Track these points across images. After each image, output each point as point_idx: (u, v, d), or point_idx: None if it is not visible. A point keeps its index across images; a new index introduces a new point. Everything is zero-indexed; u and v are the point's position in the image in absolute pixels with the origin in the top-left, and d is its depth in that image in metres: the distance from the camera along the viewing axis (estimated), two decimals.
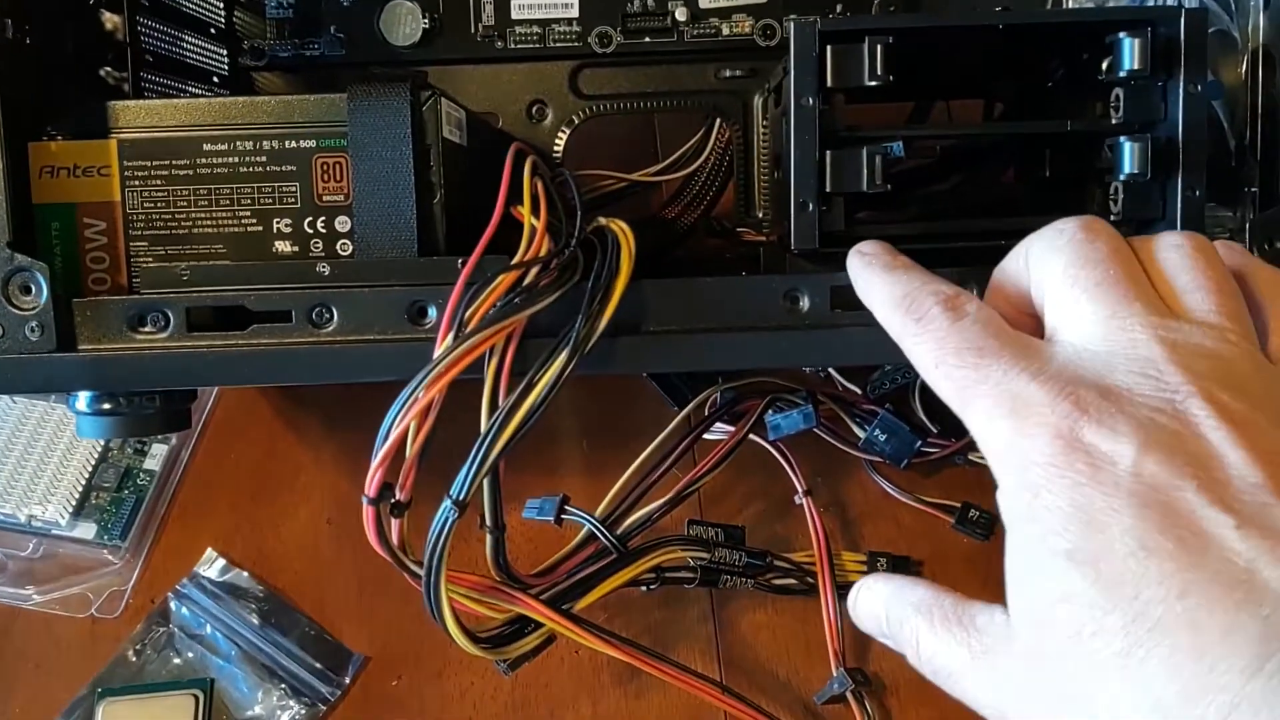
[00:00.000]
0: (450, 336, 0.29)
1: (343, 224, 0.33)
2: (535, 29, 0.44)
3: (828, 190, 0.32)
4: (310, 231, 0.33)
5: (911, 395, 0.45)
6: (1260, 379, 0.25)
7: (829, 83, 0.32)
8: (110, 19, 0.37)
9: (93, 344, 0.31)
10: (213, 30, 0.42)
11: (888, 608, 0.27)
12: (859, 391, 0.45)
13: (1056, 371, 0.24)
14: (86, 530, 0.43)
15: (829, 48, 0.32)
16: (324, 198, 0.33)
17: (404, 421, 0.29)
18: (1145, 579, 0.22)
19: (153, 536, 0.43)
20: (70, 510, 0.43)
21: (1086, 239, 0.26)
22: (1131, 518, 0.22)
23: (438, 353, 0.29)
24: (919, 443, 0.42)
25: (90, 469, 0.44)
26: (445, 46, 0.44)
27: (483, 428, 0.30)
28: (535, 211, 0.32)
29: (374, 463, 0.29)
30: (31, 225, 0.32)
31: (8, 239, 0.31)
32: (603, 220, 0.33)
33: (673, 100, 0.45)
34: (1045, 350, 0.25)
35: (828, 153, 0.32)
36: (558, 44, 0.44)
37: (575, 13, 0.43)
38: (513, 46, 0.44)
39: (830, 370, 0.45)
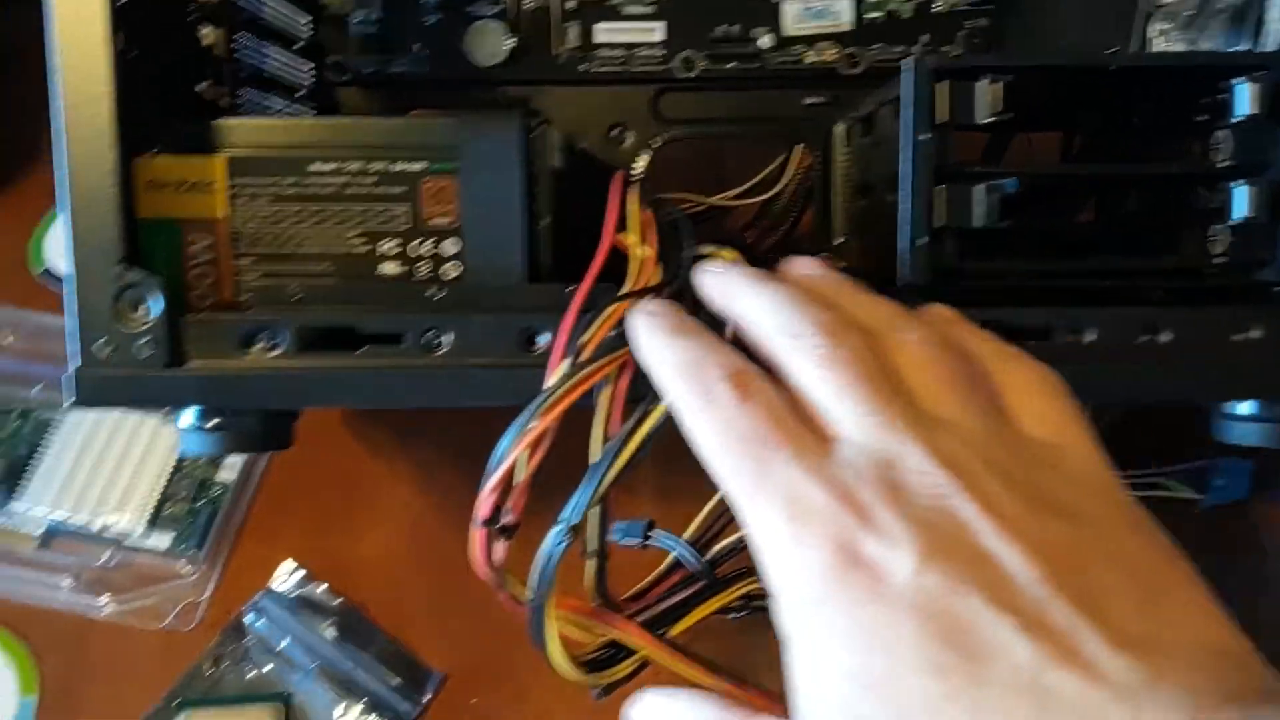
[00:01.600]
0: (564, 365, 0.30)
1: (449, 247, 0.33)
2: (619, 52, 0.44)
3: (937, 225, 0.32)
4: (416, 254, 0.33)
5: None
6: (1021, 464, 0.24)
7: (942, 118, 0.32)
8: (209, 34, 0.37)
9: (203, 361, 0.31)
10: (298, 46, 0.43)
11: None
12: None
13: (834, 474, 0.23)
14: (162, 540, 0.43)
15: (945, 84, 0.32)
16: (431, 220, 0.33)
17: (516, 450, 0.29)
18: (936, 698, 0.21)
19: (228, 548, 0.43)
20: (146, 520, 0.43)
21: (832, 342, 0.25)
22: (915, 633, 0.21)
23: (552, 381, 0.29)
24: None
25: (166, 479, 0.44)
26: (529, 67, 0.44)
27: (595, 456, 0.30)
28: (643, 239, 0.32)
29: (486, 488, 0.29)
30: (137, 241, 0.32)
31: (120, 255, 0.31)
32: (710, 248, 0.33)
33: (754, 126, 0.45)
34: (826, 449, 0.24)
35: (940, 188, 0.32)
36: (641, 68, 0.44)
37: (660, 37, 0.43)
38: (596, 70, 0.44)
39: None
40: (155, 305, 0.31)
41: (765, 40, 0.43)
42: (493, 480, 0.29)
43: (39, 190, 0.53)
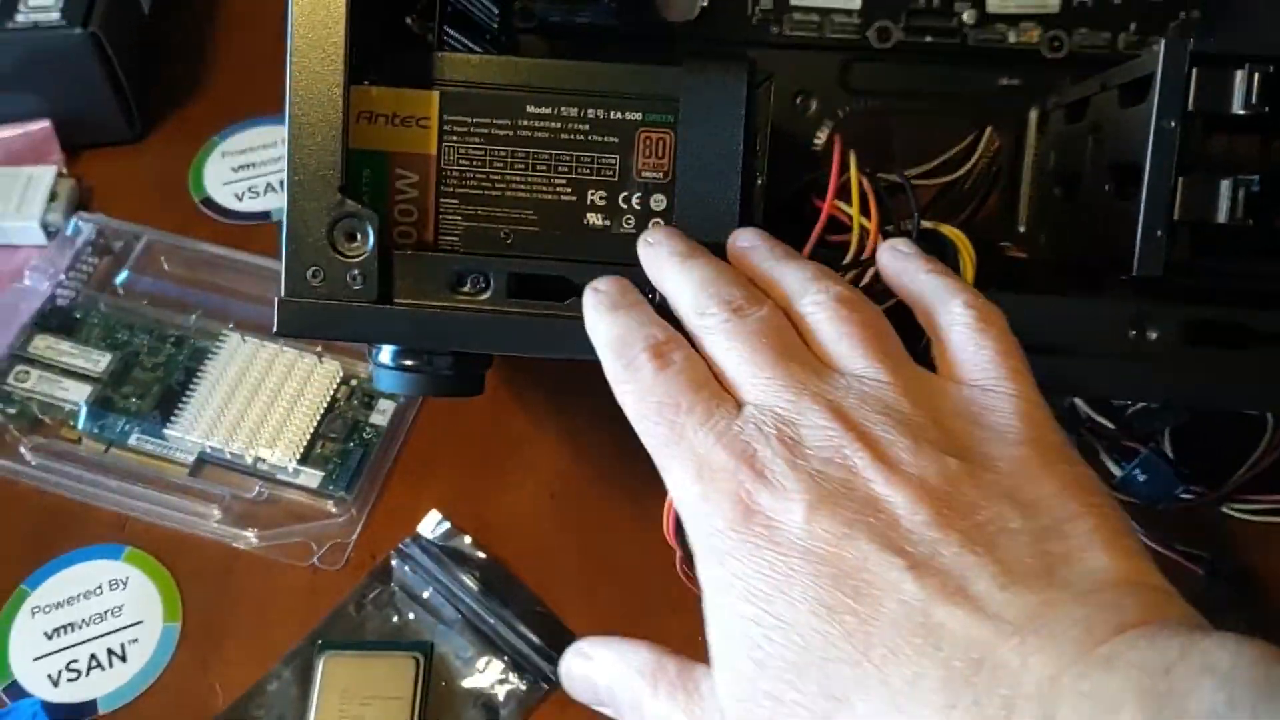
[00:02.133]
0: None
1: (658, 202, 0.32)
2: (814, 17, 0.42)
3: (1176, 218, 0.30)
4: (624, 207, 0.32)
5: (1160, 435, 0.43)
6: (921, 409, 0.25)
7: (1192, 106, 0.30)
8: None
9: (410, 299, 0.30)
10: None
11: (608, 671, 0.27)
12: (1111, 426, 0.43)
13: (737, 434, 0.25)
14: (311, 479, 0.43)
15: (1197, 70, 0.30)
16: (643, 173, 0.32)
17: None
18: (831, 638, 0.22)
19: (377, 492, 0.43)
20: (297, 457, 0.43)
21: (736, 317, 0.27)
22: (809, 576, 0.22)
23: None
24: (1180, 487, 0.40)
25: (318, 418, 0.44)
26: (720, 27, 0.42)
27: None
28: (865, 211, 0.31)
29: None
30: (348, 171, 0.31)
31: (338, 183, 0.30)
32: (939, 225, 0.32)
33: (946, 103, 0.43)
34: (734, 412, 0.25)
35: (1180, 179, 0.30)
36: (835, 35, 0.42)
37: (857, 4, 0.42)
38: (788, 33, 0.42)
39: (1076, 400, 0.44)
40: (369, 238, 0.30)
41: (968, 15, 0.41)
42: None
43: (200, 120, 0.53)
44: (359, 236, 0.30)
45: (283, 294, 0.30)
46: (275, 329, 0.30)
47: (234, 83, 0.54)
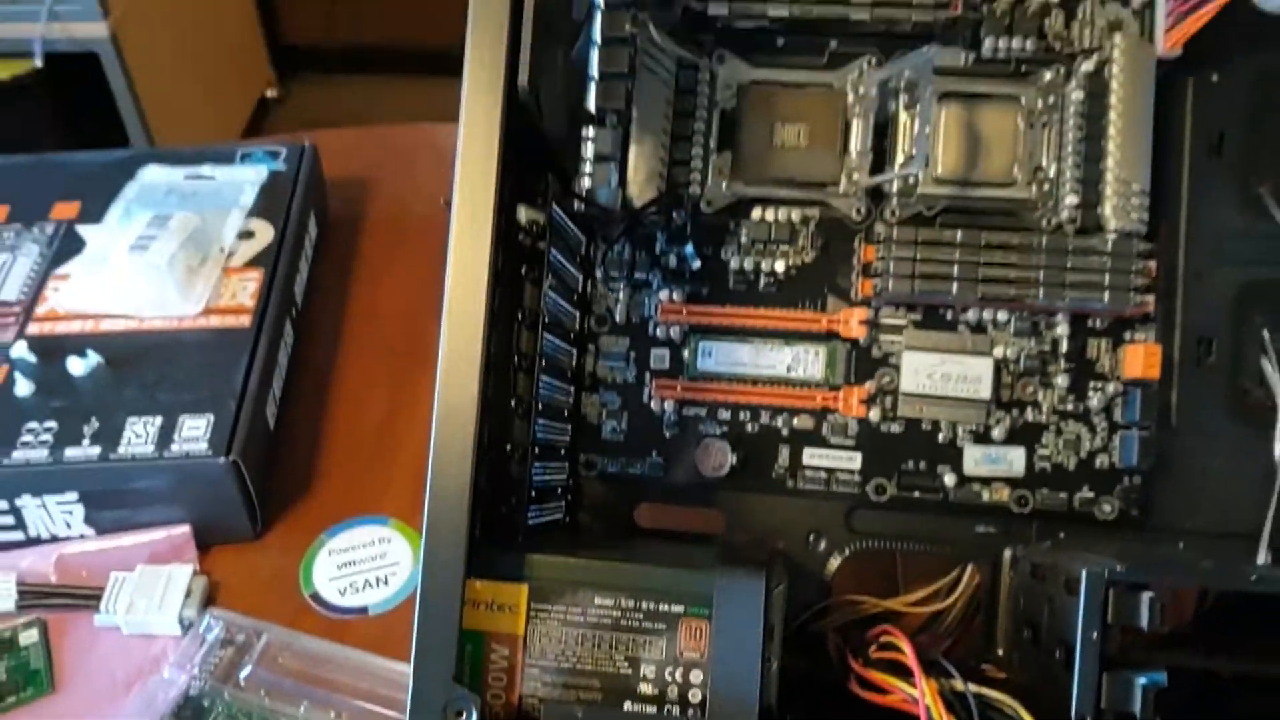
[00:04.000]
0: None
1: (695, 676, 0.41)
2: (822, 473, 0.52)
3: (1103, 708, 0.39)
4: (669, 679, 0.41)
5: None
6: None
7: (1111, 620, 0.39)
8: (518, 469, 0.46)
9: None
10: (563, 450, 0.52)
11: None
12: None
13: None
14: None
15: (1113, 591, 0.39)
16: (684, 654, 0.41)
17: None
18: None
19: None
20: None
21: None
22: None
23: None
24: None
25: None
26: (746, 480, 0.52)
27: None
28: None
29: None
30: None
31: (453, 672, 0.39)
32: (996, 694, 0.40)
33: (932, 545, 0.52)
34: None
35: (1104, 675, 0.39)
36: (839, 489, 0.52)
37: (858, 465, 0.52)
38: (801, 487, 0.52)
39: None
40: (472, 715, 0.39)
41: (949, 478, 0.51)
42: None
43: (311, 520, 0.63)
44: (464, 714, 0.39)
45: None
46: None
47: (340, 487, 0.64)
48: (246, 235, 0.70)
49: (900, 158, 0.50)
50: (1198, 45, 0.49)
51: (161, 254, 0.65)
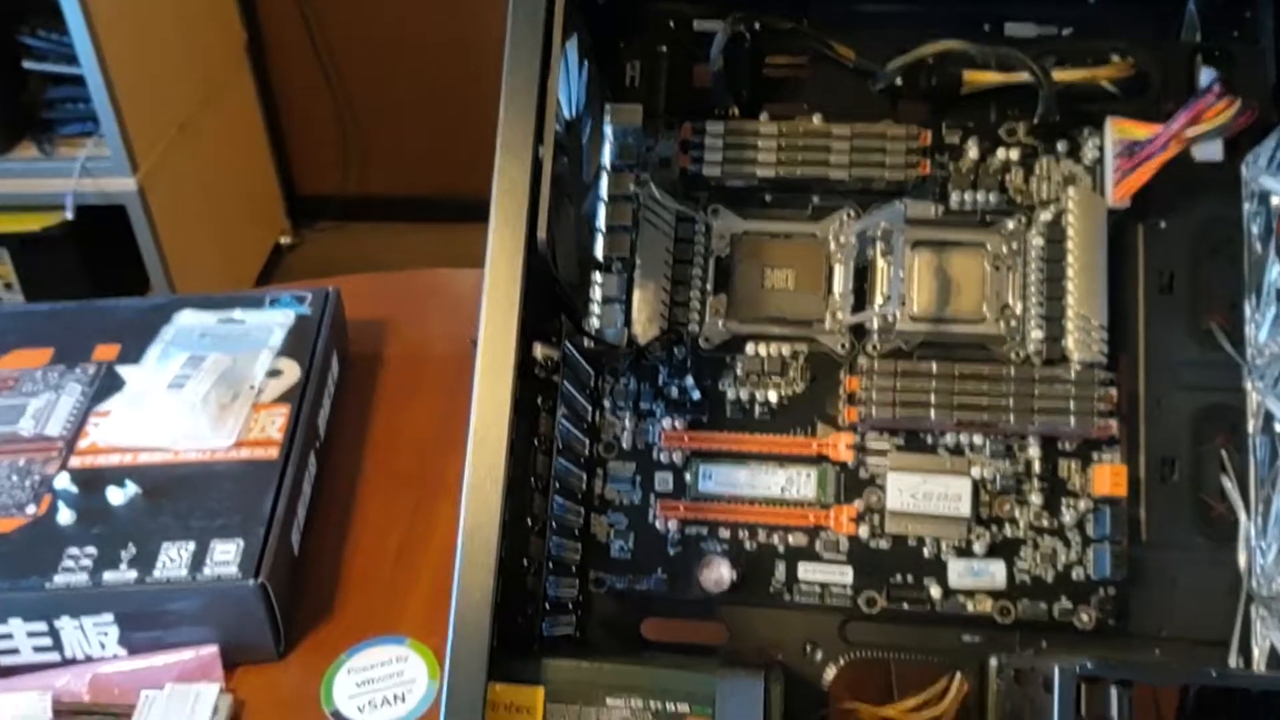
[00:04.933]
0: None
1: None
2: (816, 587, 0.55)
3: None
4: None
5: None
6: None
7: (1084, 713, 0.42)
8: (533, 582, 0.50)
9: None
10: (574, 567, 0.56)
11: None
12: None
13: None
14: None
15: (1084, 687, 0.42)
16: None
17: None
18: None
19: None
20: None
21: None
22: None
23: None
24: None
25: None
26: (745, 594, 0.56)
27: None
28: None
29: None
30: None
31: None
32: None
33: (922, 655, 0.55)
34: None
35: None
36: (832, 602, 0.55)
37: (850, 579, 0.55)
38: (796, 599, 0.56)
39: None
40: None
41: (935, 590, 0.55)
42: None
43: (331, 640, 0.66)
44: None
45: None
46: None
47: (359, 607, 0.68)
48: (275, 373, 0.75)
49: (879, 299, 0.55)
50: (1145, 196, 0.54)
51: (197, 392, 0.70)
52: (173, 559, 0.62)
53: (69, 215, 1.60)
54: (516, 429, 0.46)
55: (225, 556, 0.63)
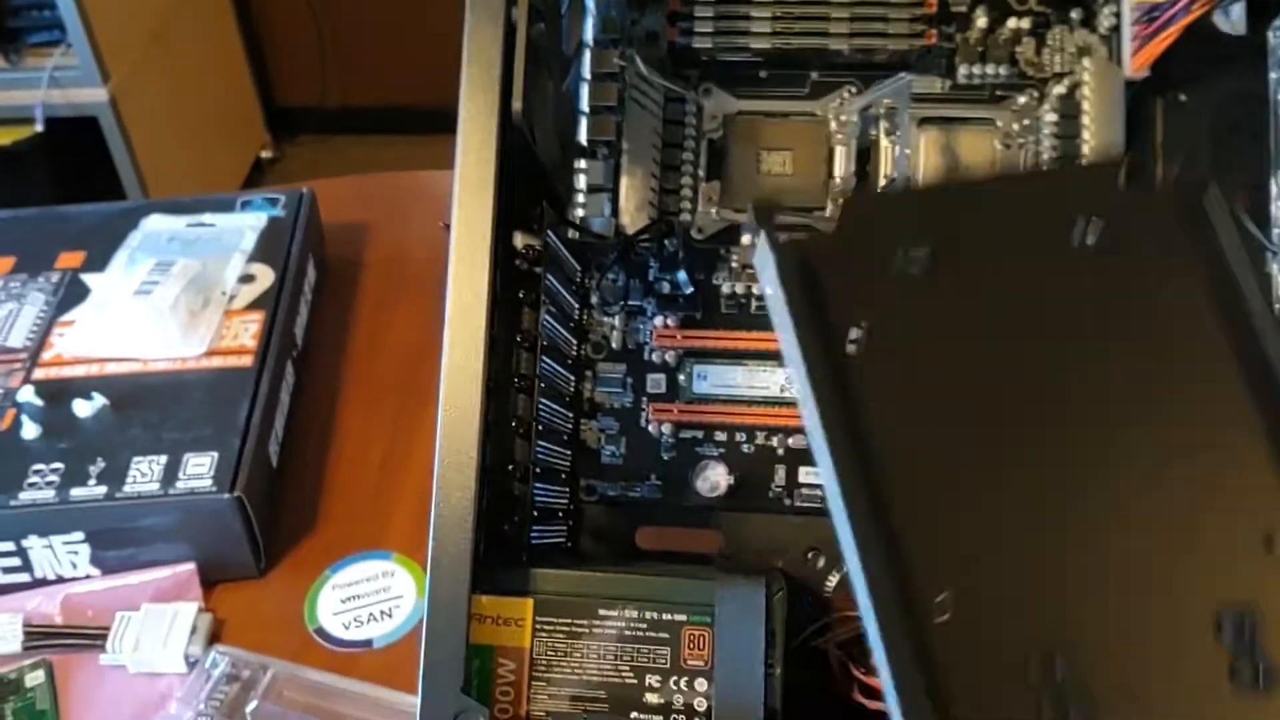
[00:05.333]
0: None
1: (700, 684, 0.41)
2: (819, 491, 0.53)
3: None
4: (674, 688, 0.41)
5: None
6: None
7: None
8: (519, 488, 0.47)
9: None
10: (563, 475, 0.53)
11: None
12: None
13: None
14: None
15: None
16: (688, 662, 0.42)
17: None
18: None
19: None
20: None
21: None
22: None
23: None
24: None
25: None
26: (743, 499, 0.53)
27: None
28: None
29: None
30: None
31: (460, 683, 0.40)
32: None
33: None
34: None
35: None
36: None
37: None
38: (798, 504, 0.53)
39: None
40: None
41: None
42: None
43: (314, 556, 0.64)
44: None
45: None
46: None
47: (342, 522, 0.65)
48: (247, 279, 0.72)
49: (883, 181, 0.52)
50: (1164, 67, 0.51)
51: (165, 298, 0.67)
52: (144, 473, 0.60)
53: (39, 128, 1.55)
54: (496, 323, 0.43)
55: (199, 469, 0.60)
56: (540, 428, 0.47)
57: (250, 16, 2.13)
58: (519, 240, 0.46)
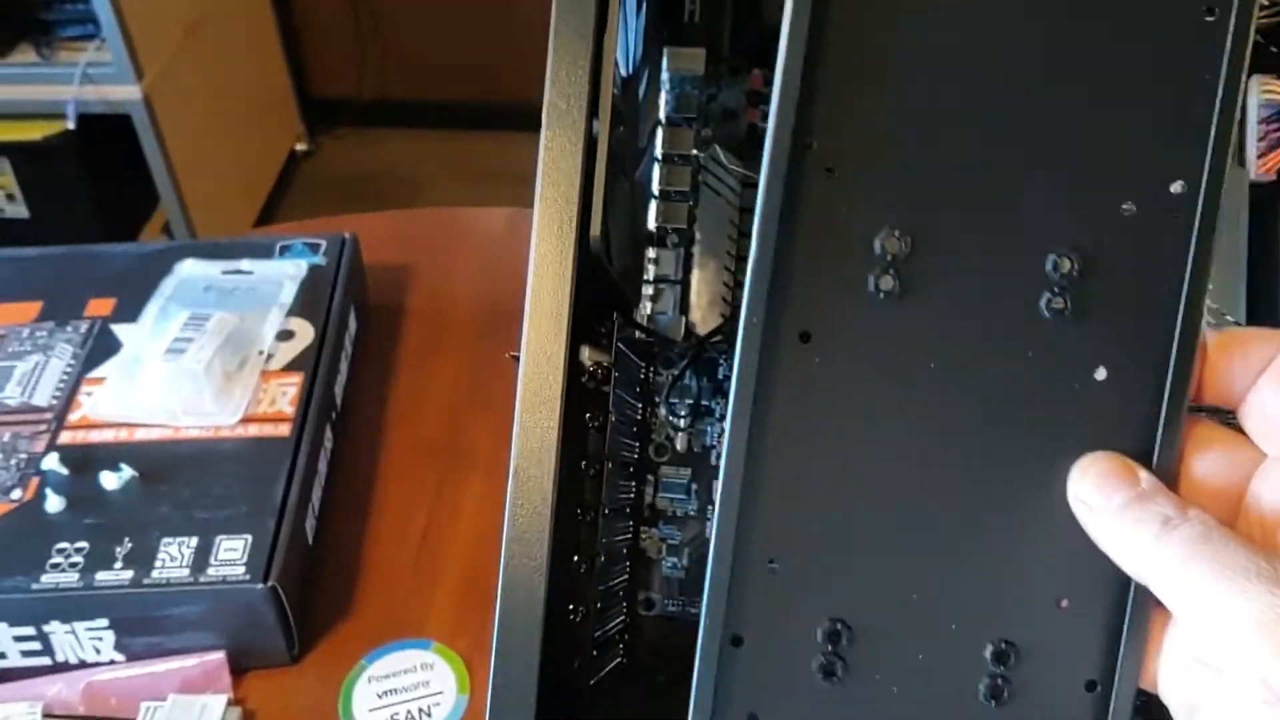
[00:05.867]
0: None
1: None
2: None
3: None
4: None
5: None
6: None
7: None
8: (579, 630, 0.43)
9: None
10: (620, 593, 0.49)
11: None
12: None
13: None
14: None
15: None
16: None
17: None
18: None
19: None
20: None
21: None
22: None
23: None
24: None
25: None
26: None
27: None
28: None
29: None
30: None
31: None
32: None
33: None
34: None
35: None
36: None
37: None
38: None
39: None
40: None
41: None
42: None
43: (350, 642, 0.60)
44: None
45: None
46: None
47: (380, 603, 0.62)
48: (286, 335, 0.68)
49: None
50: None
51: (199, 360, 0.63)
52: (173, 556, 0.56)
53: (70, 124, 1.51)
54: (563, 461, 0.39)
55: (231, 554, 0.56)
56: (603, 556, 0.43)
57: (288, 6, 2.09)
58: (586, 356, 0.42)
